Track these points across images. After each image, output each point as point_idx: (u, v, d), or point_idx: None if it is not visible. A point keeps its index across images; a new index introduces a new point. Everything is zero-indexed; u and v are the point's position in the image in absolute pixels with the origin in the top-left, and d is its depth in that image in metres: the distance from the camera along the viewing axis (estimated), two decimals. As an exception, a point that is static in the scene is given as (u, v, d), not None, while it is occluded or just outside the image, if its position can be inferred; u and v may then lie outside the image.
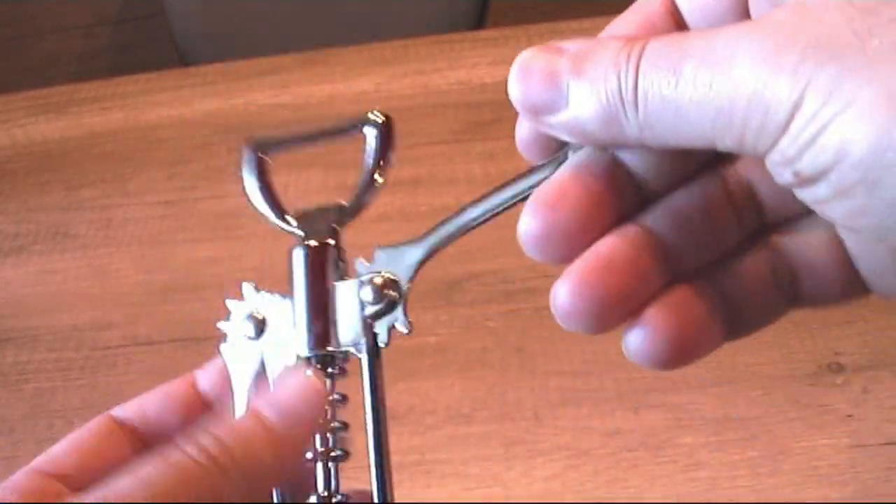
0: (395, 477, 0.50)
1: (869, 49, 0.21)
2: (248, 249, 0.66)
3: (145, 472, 0.24)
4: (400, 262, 0.31)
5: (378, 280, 0.30)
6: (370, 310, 0.30)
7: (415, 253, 0.31)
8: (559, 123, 0.25)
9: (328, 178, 0.71)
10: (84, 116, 0.81)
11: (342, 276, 0.31)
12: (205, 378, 0.31)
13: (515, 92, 0.26)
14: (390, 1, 1.21)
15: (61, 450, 0.28)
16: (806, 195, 0.23)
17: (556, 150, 0.28)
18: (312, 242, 0.32)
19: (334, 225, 0.32)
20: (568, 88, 0.25)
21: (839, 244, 0.27)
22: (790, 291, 0.28)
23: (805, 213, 0.27)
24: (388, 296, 0.30)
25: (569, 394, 0.55)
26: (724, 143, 0.23)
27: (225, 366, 0.30)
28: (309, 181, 0.71)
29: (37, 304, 0.65)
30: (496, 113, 0.75)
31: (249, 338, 0.31)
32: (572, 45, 0.25)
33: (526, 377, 0.56)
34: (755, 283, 0.28)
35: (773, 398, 0.53)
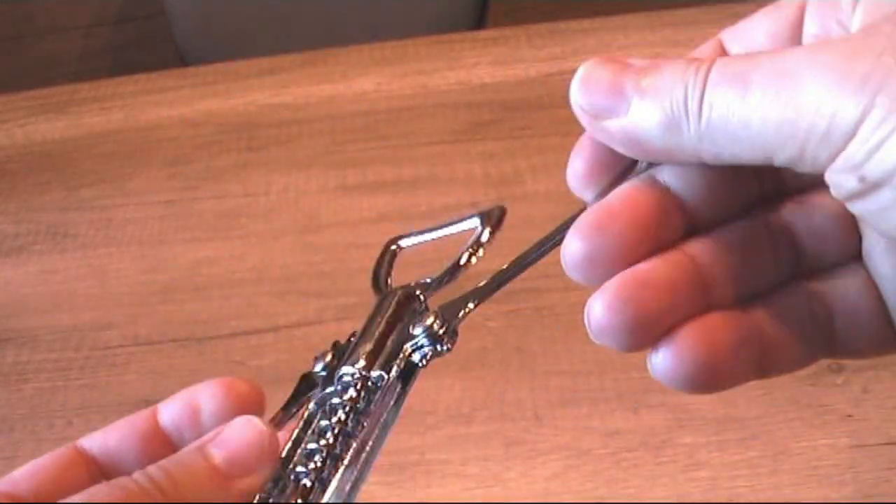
0: (396, 477, 0.50)
1: None
2: (248, 249, 0.66)
3: (91, 490, 0.25)
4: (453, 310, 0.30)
5: (430, 319, 0.29)
6: (415, 340, 0.29)
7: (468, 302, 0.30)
8: (618, 129, 0.26)
9: (328, 178, 0.72)
10: (84, 116, 0.81)
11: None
12: (167, 412, 0.30)
13: (577, 95, 0.26)
14: (390, 1, 1.21)
15: (20, 474, 0.28)
16: (867, 205, 0.23)
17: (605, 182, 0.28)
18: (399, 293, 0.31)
19: (418, 292, 0.31)
20: (632, 95, 0.25)
21: (876, 295, 0.27)
22: (824, 338, 0.28)
23: (843, 261, 0.27)
24: (435, 332, 0.29)
25: (569, 394, 0.55)
26: (784, 156, 0.24)
27: (189, 400, 0.30)
28: (309, 181, 0.71)
29: (37, 304, 0.65)
30: (496, 113, 0.75)
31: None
32: (637, 60, 0.26)
33: (526, 377, 0.56)
34: (791, 323, 0.28)
35: (773, 398, 0.53)
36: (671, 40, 0.80)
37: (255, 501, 0.27)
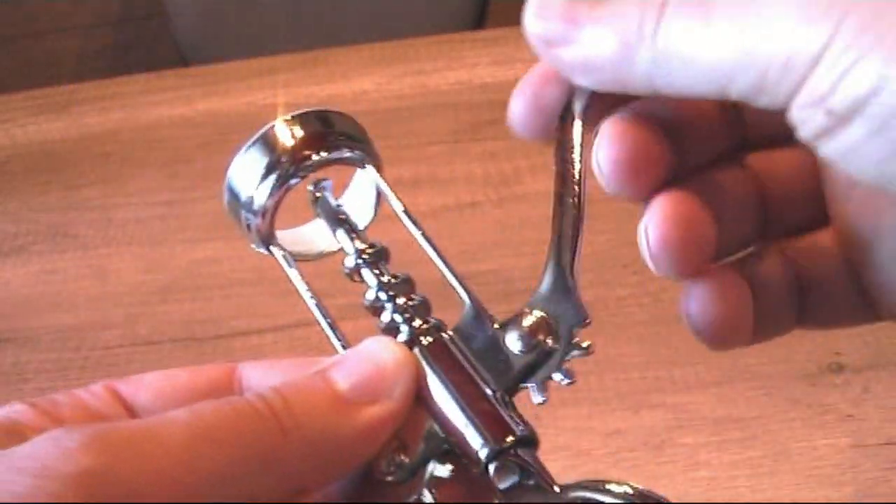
0: (395, 477, 0.50)
1: None
2: (248, 249, 0.66)
3: (200, 406, 0.23)
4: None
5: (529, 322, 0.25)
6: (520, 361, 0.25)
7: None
8: (571, 57, 0.25)
9: (327, 178, 0.71)
10: (84, 116, 0.81)
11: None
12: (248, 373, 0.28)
13: (532, 23, 0.26)
14: (390, 1, 1.21)
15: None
16: (836, 145, 0.22)
17: (550, 128, 0.27)
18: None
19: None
20: (585, 22, 0.25)
21: (846, 261, 0.27)
22: (798, 304, 0.28)
23: (812, 225, 0.27)
24: (541, 344, 0.26)
25: (569, 394, 0.55)
26: (742, 87, 0.22)
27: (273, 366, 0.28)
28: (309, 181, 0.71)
29: (37, 304, 0.65)
30: (496, 113, 0.75)
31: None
32: None
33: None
34: (774, 284, 0.28)
35: (773, 398, 0.53)
36: (671, 40, 0.80)
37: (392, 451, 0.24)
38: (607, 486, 0.24)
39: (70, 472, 0.20)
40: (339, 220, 0.29)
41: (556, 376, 0.26)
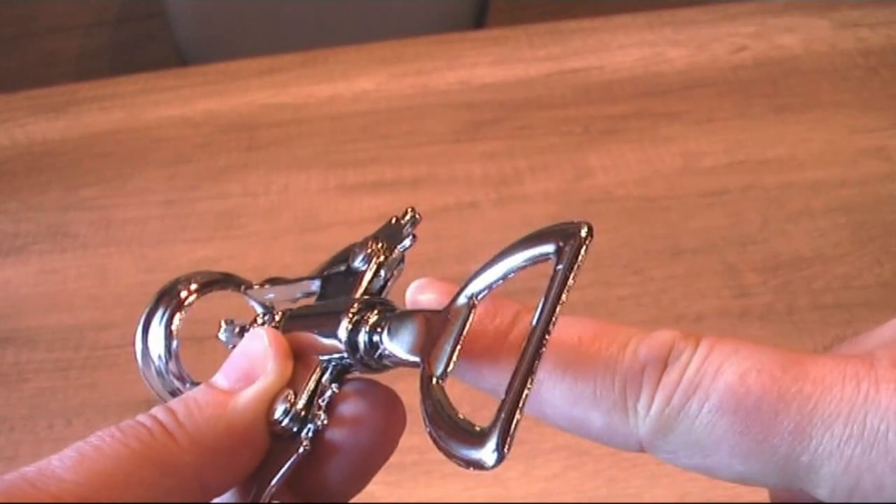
0: (396, 477, 0.50)
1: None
2: (248, 249, 0.66)
3: (99, 434, 0.24)
4: None
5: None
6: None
7: None
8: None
9: (328, 178, 0.72)
10: (84, 116, 0.81)
11: None
12: None
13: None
14: (390, 1, 1.21)
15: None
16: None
17: None
18: None
19: None
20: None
21: None
22: None
23: None
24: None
25: (569, 394, 0.55)
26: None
27: None
28: (309, 181, 0.71)
29: (37, 304, 0.65)
30: (496, 113, 0.75)
31: None
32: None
33: (526, 377, 0.56)
34: None
35: (773, 398, 0.53)
36: (671, 40, 0.80)
37: (276, 419, 0.25)
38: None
39: None
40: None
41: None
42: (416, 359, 0.25)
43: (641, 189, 0.67)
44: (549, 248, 0.25)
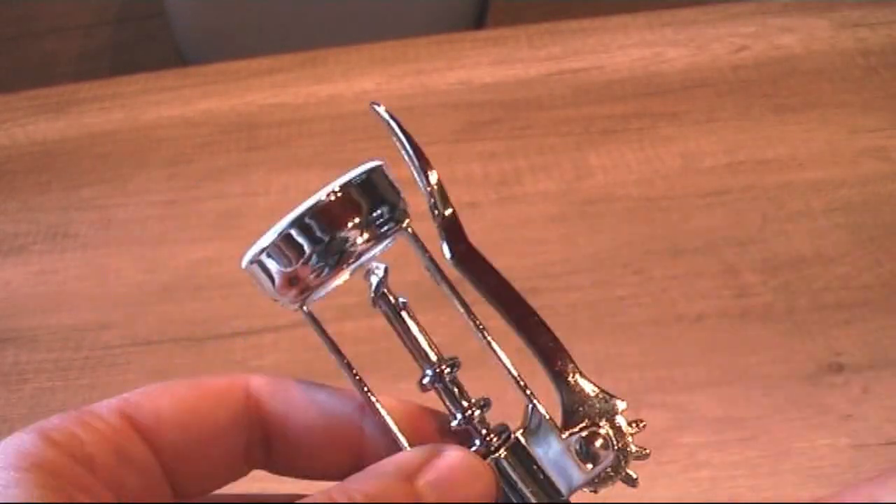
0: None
1: None
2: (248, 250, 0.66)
3: None
4: None
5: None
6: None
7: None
8: None
9: (328, 178, 0.71)
10: (84, 116, 0.81)
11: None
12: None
13: None
14: (390, 1, 1.21)
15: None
16: None
17: None
18: None
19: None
20: None
21: None
22: None
23: None
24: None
25: (569, 394, 0.55)
26: None
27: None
28: (309, 181, 0.71)
29: (37, 304, 0.65)
30: (496, 113, 0.75)
31: None
32: None
33: (526, 377, 0.56)
34: None
35: (773, 398, 0.53)
36: (671, 40, 0.80)
37: None
38: None
39: None
40: (403, 317, 0.30)
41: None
42: None
43: (641, 189, 0.67)
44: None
